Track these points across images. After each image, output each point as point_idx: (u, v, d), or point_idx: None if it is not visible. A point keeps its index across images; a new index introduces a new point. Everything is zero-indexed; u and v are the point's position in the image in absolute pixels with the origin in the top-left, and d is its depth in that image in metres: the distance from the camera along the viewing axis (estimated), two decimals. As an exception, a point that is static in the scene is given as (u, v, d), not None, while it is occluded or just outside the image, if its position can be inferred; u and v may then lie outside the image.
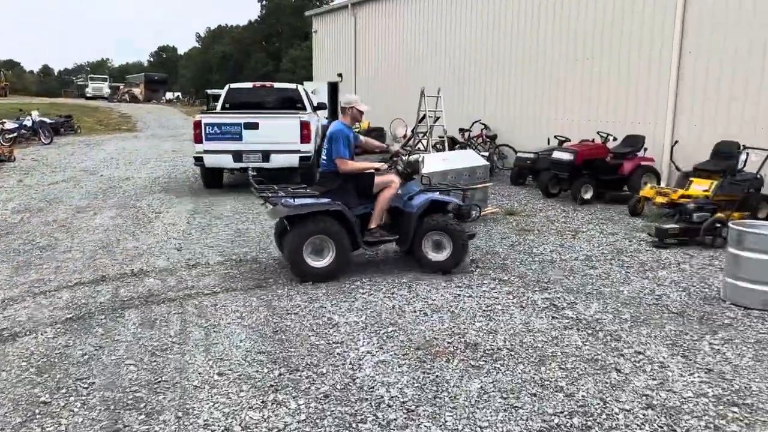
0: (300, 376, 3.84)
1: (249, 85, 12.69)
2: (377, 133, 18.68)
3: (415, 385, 3.72)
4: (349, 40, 22.04)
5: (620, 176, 10.36)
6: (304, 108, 12.40)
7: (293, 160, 10.79)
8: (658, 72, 10.99)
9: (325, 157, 6.03)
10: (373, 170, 6.07)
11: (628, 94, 11.64)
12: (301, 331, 4.56)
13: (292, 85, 12.80)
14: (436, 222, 5.93)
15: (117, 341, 4.37)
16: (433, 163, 8.38)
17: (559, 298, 5.31)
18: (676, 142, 10.20)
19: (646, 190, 9.10)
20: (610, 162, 10.42)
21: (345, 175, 5.86)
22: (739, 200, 7.82)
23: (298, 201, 5.68)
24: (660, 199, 8.73)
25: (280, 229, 6.30)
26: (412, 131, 15.45)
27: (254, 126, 10.59)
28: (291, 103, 12.54)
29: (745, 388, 3.70)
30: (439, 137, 14.13)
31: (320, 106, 14.08)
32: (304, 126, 10.75)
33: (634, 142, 10.60)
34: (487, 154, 13.11)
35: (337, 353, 4.17)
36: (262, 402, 3.52)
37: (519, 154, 12.43)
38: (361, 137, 6.41)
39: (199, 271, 6.12)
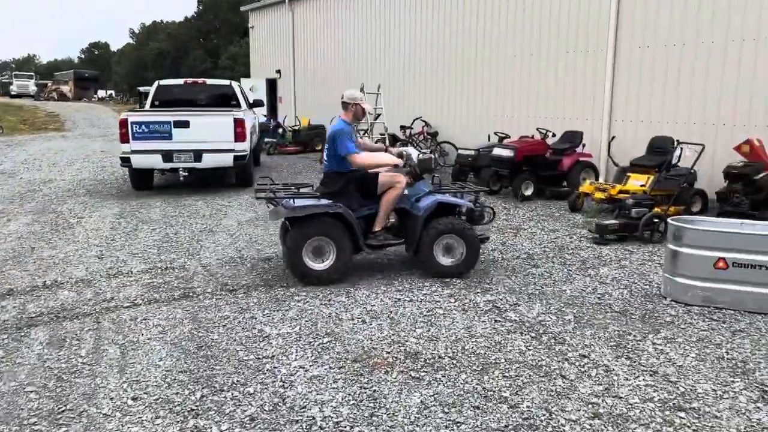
0: (224, 397, 3.51)
1: (180, 81, 12.13)
2: (317, 131, 18.32)
3: (351, 402, 3.45)
4: (287, 35, 21.55)
5: (560, 172, 10.36)
6: (238, 105, 11.95)
7: (227, 160, 10.34)
8: (594, 68, 11.08)
9: (326, 157, 5.79)
10: (392, 166, 5.76)
11: (566, 90, 11.70)
12: (228, 345, 4.22)
13: (226, 82, 12.32)
14: (449, 225, 5.67)
15: (18, 365, 3.92)
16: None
17: (501, 299, 5.14)
18: (613, 137, 10.29)
19: (586, 186, 9.11)
20: (549, 158, 10.42)
21: (348, 175, 5.64)
22: (675, 195, 7.89)
23: (299, 202, 5.48)
24: (599, 195, 8.75)
25: (284, 228, 6.06)
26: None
27: (185, 124, 10.08)
28: (225, 100, 12.06)
29: (691, 390, 3.59)
30: (380, 135, 13.91)
31: (256, 103, 13.62)
32: (238, 124, 10.31)
33: (573, 137, 10.64)
34: (428, 151, 12.99)
35: (267, 369, 3.85)
36: (180, 429, 3.17)
37: (460, 151, 12.30)
38: (359, 139, 6.11)
39: (120, 281, 5.66)
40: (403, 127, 15.13)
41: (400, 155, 5.93)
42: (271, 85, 23.17)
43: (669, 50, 9.93)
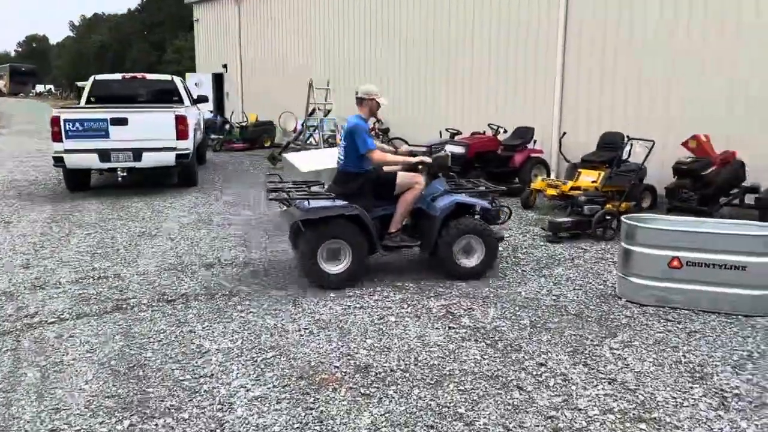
0: (156, 425, 3.19)
1: (117, 76, 11.54)
2: (265, 127, 17.87)
3: (296, 425, 3.19)
4: (233, 29, 20.94)
5: (511, 168, 10.28)
6: (181, 101, 11.44)
7: (169, 159, 9.87)
8: (545, 63, 11.05)
9: (342, 156, 5.54)
10: (416, 164, 5.58)
11: (517, 85, 11.65)
12: (163, 364, 3.89)
13: (167, 77, 11.78)
14: (469, 226, 5.53)
15: None
16: (311, 160, 7.84)
17: (455, 304, 4.95)
18: (564, 133, 10.27)
19: (538, 183, 9.05)
20: (501, 154, 10.33)
21: (365, 175, 5.45)
22: (627, 191, 7.88)
23: (314, 203, 5.26)
24: (551, 192, 8.70)
25: (294, 230, 5.76)
26: (303, 124, 14.93)
27: (122, 122, 9.56)
28: (166, 96, 11.53)
29: (650, 398, 3.47)
30: (331, 131, 13.60)
31: (200, 99, 13.12)
32: (180, 121, 9.85)
33: (524, 133, 10.58)
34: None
35: (205, 390, 3.55)
36: (104, 466, 2.86)
37: (411, 148, 12.10)
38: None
39: (46, 293, 5.23)
40: (353, 123, 14.83)
41: (411, 154, 5.81)
42: (218, 80, 22.51)
43: (618, 45, 9.96)
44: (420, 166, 5.64)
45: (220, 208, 8.90)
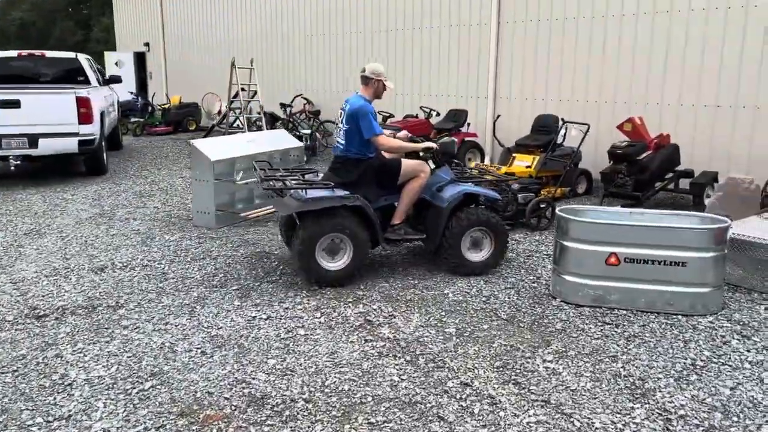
0: (-18, 493, 2.53)
1: (12, 53, 10.38)
2: (189, 109, 16.85)
3: (164, 484, 2.59)
4: (155, 4, 19.63)
5: (445, 153, 9.80)
6: (87, 81, 10.42)
7: (70, 145, 8.92)
8: (478, 43, 10.59)
9: (342, 140, 5.02)
10: (422, 150, 5.12)
11: (450, 66, 11.16)
12: (11, 403, 3.19)
13: (71, 54, 10.71)
14: (479, 217, 5.10)
15: None
16: (237, 145, 7.14)
17: (375, 310, 4.42)
18: (498, 116, 9.87)
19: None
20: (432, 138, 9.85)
21: (368, 162, 4.97)
22: (562, 176, 7.52)
23: (311, 193, 4.75)
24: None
25: (286, 221, 5.38)
26: (228, 107, 14.04)
27: (14, 104, 8.55)
28: (70, 75, 10.47)
29: (587, 425, 3.03)
30: (257, 113, 12.81)
31: (113, 79, 12.08)
32: (82, 103, 8.90)
33: (458, 116, 10.13)
34: (309, 131, 12.10)
35: (58, 438, 2.89)
36: None
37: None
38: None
39: None
40: (283, 105, 14.07)
41: (412, 141, 5.41)
42: (140, 60, 21.16)
43: (552, 25, 9.58)
44: (423, 153, 5.15)
45: (128, 200, 8.08)
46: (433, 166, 5.20)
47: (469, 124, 10.10)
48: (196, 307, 4.46)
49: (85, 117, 9.01)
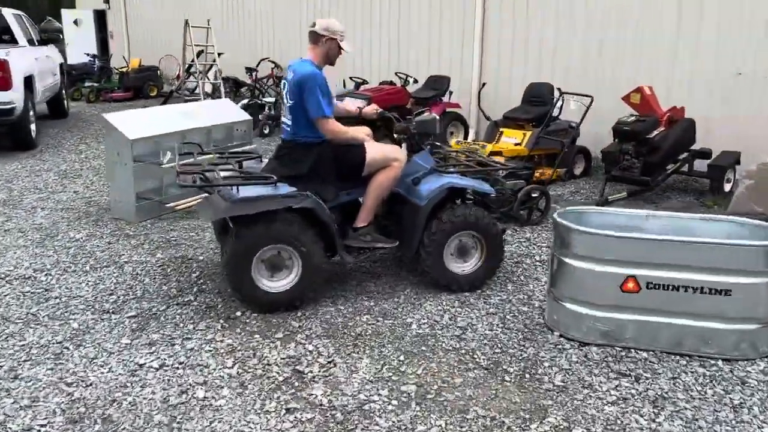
0: None
1: None
2: (149, 73, 15.38)
3: None
4: (113, -44, 17.93)
5: (424, 126, 8.57)
6: (13, 40, 9.02)
7: (-16, 116, 7.61)
8: (463, 2, 9.26)
9: (289, 119, 3.85)
10: (368, 140, 3.97)
11: (431, 28, 9.84)
12: None
13: (-8, 9, 9.29)
14: (468, 218, 3.95)
15: None
16: (165, 120, 5.89)
17: (310, 352, 3.27)
18: (484, 84, 8.63)
19: (453, 146, 7.40)
20: (411, 109, 8.60)
21: (322, 147, 3.79)
22: (560, 156, 6.33)
23: (245, 192, 3.56)
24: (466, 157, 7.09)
25: (221, 224, 4.07)
26: (187, 71, 12.65)
27: None
28: (-8, 33, 9.07)
29: None
30: (215, 80, 11.48)
31: (51, 39, 10.68)
32: (-3, 66, 7.56)
33: (439, 84, 8.87)
34: (273, 99, 10.80)
35: None
36: None
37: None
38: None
39: None
40: (248, 70, 12.69)
41: (383, 119, 4.35)
42: (101, 18, 19.50)
43: (547, -22, 8.28)
44: (397, 135, 4.02)
45: (46, 182, 6.83)
46: (405, 152, 4.03)
47: (451, 93, 8.86)
48: (68, 348, 3.29)
49: (2, 82, 7.68)
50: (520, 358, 3.27)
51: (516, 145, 6.99)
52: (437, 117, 4.16)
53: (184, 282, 4.16)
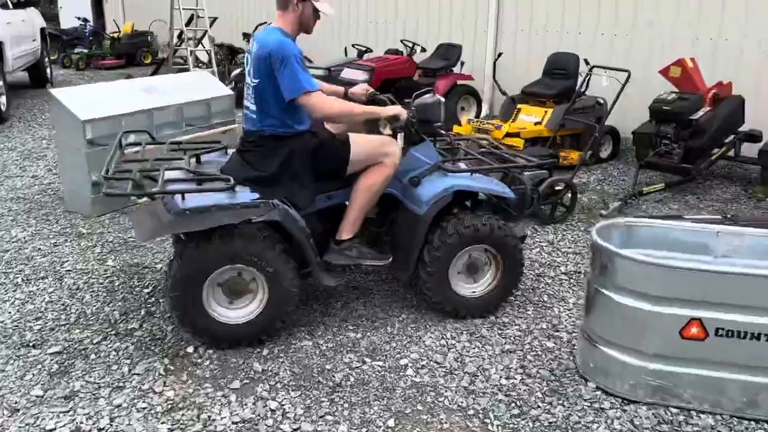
0: None
1: None
2: (142, 38, 14.49)
3: None
4: None
5: (432, 101, 7.69)
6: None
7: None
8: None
9: (253, 103, 2.98)
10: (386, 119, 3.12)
11: (442, -12, 8.88)
12: None
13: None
14: (480, 229, 3.11)
15: None
16: (126, 97, 5.08)
17: (271, 413, 2.51)
18: (500, 54, 7.69)
19: (463, 125, 6.55)
20: (418, 81, 7.73)
21: (294, 141, 2.96)
22: (592, 139, 5.44)
23: (193, 200, 2.76)
24: (480, 139, 6.25)
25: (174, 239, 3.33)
26: (179, 37, 11.75)
27: None
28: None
29: None
30: (207, 48, 10.60)
31: (30, 2, 9.83)
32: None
33: (449, 53, 7.96)
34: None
35: None
36: None
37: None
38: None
39: None
40: (246, 36, 11.76)
41: (374, 102, 3.41)
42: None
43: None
44: (392, 124, 3.12)
45: (6, 163, 6.07)
46: (402, 145, 3.21)
47: (463, 64, 7.94)
48: (-37, 403, 2.56)
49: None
50: (546, 424, 2.49)
51: (536, 124, 6.15)
52: (442, 100, 3.30)
53: (132, 301, 3.41)
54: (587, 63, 5.94)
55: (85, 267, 3.82)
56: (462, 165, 3.39)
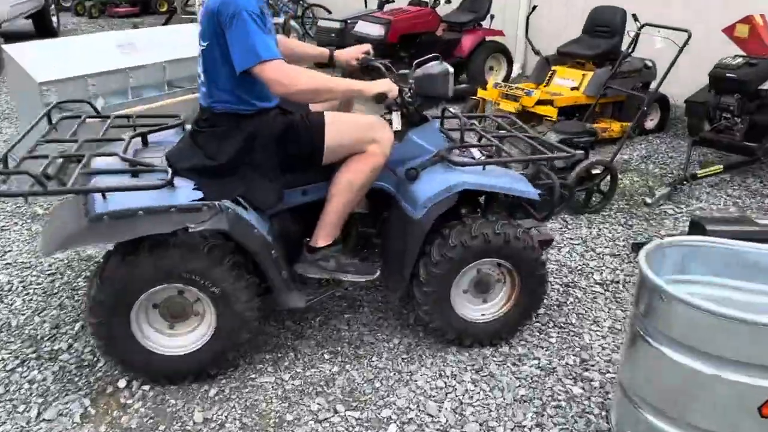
0: None
1: None
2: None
3: None
4: None
5: (456, 58, 6.87)
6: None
7: None
8: None
9: (201, 73, 2.32)
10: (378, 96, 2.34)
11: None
12: None
13: None
14: (491, 240, 2.42)
15: None
16: (94, 54, 4.41)
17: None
18: (534, 7, 6.79)
19: (488, 90, 5.75)
20: (441, 37, 6.90)
21: (255, 119, 2.31)
22: (641, 109, 4.61)
23: (116, 201, 2.12)
24: (507, 105, 5.47)
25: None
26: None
27: None
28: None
29: None
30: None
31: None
32: None
33: (477, 5, 7.06)
34: (282, 19, 9.10)
35: None
36: None
37: (321, 23, 8.51)
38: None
39: None
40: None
41: (367, 69, 2.74)
42: None
43: None
44: (378, 102, 2.37)
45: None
46: (399, 126, 2.48)
47: (492, 17, 7.06)
48: None
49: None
50: None
51: (572, 89, 5.35)
52: (450, 70, 2.55)
53: (69, 309, 2.83)
54: (636, 20, 5.04)
55: (25, 260, 3.25)
56: (475, 153, 2.68)
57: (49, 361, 2.49)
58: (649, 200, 4.17)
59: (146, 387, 2.34)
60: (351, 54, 2.80)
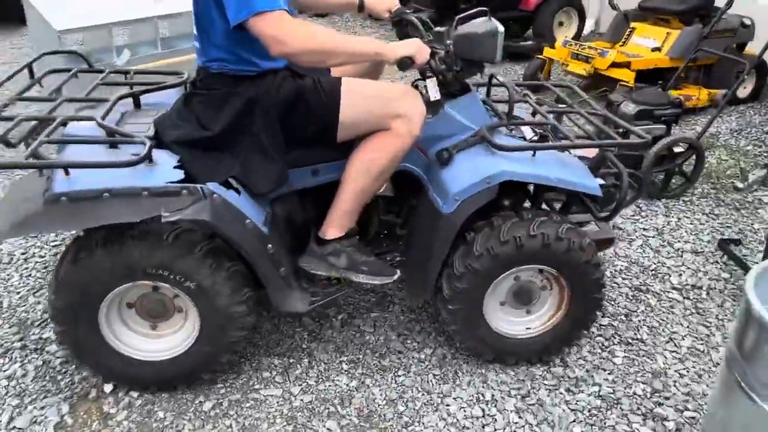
0: None
1: None
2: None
3: None
4: None
5: (522, 13, 6.22)
6: None
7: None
8: None
9: (194, 25, 1.89)
10: (401, 60, 1.87)
11: None
12: None
13: None
14: (531, 243, 1.96)
15: None
16: (127, 3, 4.06)
17: None
18: (615, -47, 6.03)
19: (556, 49, 5.14)
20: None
21: (257, 84, 1.87)
22: (713, 67, 3.96)
23: (81, 182, 1.73)
24: (576, 67, 4.86)
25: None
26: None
27: None
28: None
29: None
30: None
31: None
32: None
33: (548, -48, 6.34)
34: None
35: None
36: None
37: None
38: None
39: None
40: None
41: (402, 24, 2.21)
42: None
43: None
44: (402, 69, 1.90)
45: None
46: (437, 96, 2.00)
47: (565, -35, 6.34)
48: None
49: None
50: None
51: (654, 50, 4.70)
52: (500, 29, 2.01)
53: (44, 304, 2.53)
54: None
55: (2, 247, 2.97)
56: (527, 133, 2.19)
57: (34, 352, 2.21)
58: (740, 184, 3.55)
59: (134, 393, 2.03)
60: (385, 4, 2.30)
